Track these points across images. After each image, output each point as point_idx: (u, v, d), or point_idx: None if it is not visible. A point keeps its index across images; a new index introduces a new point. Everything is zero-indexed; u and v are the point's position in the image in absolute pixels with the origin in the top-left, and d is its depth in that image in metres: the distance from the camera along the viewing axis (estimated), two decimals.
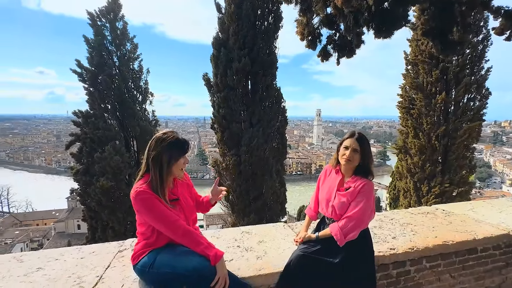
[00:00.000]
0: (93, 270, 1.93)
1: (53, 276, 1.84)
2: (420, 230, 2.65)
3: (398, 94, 11.91)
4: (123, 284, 1.74)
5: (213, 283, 1.54)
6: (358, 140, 1.78)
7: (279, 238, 2.47)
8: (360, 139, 1.79)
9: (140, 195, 1.54)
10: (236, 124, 9.06)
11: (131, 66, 9.60)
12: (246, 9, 8.82)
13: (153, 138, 1.66)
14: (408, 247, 2.30)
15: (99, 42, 8.76)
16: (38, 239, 32.76)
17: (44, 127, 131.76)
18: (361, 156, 1.79)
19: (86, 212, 9.08)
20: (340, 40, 3.32)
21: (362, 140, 1.79)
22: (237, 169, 9.12)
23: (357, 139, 1.79)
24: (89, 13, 8.78)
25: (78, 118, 8.68)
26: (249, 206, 9.34)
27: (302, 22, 3.09)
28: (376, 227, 2.74)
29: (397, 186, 13.21)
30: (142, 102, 9.85)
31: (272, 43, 9.52)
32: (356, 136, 1.80)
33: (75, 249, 2.31)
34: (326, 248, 1.85)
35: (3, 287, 1.74)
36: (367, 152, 1.80)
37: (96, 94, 8.69)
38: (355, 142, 1.79)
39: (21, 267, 1.98)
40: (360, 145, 1.78)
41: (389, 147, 71.60)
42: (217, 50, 9.08)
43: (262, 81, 9.27)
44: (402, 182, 12.17)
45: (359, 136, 1.79)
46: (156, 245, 1.67)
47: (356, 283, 1.82)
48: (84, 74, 8.67)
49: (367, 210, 1.80)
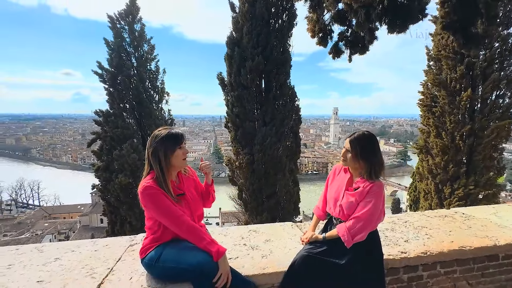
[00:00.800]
0: (105, 262, 2.02)
1: (68, 266, 1.95)
2: (436, 234, 2.53)
3: (419, 91, 11.41)
4: (131, 277, 1.81)
5: (215, 279, 1.56)
6: (350, 141, 1.76)
7: (286, 237, 2.46)
8: (354, 139, 1.75)
9: (147, 190, 1.59)
10: (249, 123, 9.09)
11: (148, 67, 9.92)
12: (260, 8, 8.80)
13: (150, 136, 1.73)
14: (421, 251, 2.20)
15: (118, 44, 9.14)
16: (65, 231, 34.77)
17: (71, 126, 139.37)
18: (354, 156, 1.74)
19: (106, 207, 9.54)
20: (352, 37, 3.22)
21: (355, 141, 1.75)
22: (250, 167, 9.16)
23: (350, 140, 1.76)
24: (109, 17, 9.21)
25: (99, 117, 9.14)
26: (262, 205, 9.35)
27: (312, 19, 3.03)
28: (388, 229, 2.65)
29: (418, 188, 12.68)
30: (158, 101, 10.16)
31: (286, 41, 9.43)
32: (351, 137, 1.77)
33: (90, 242, 2.43)
34: (333, 249, 1.82)
35: (24, 274, 1.86)
36: (364, 153, 1.73)
37: (116, 94, 9.09)
38: (348, 142, 1.77)
39: (41, 257, 2.11)
40: (351, 145, 1.75)
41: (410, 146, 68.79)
42: (231, 50, 9.15)
43: (276, 80, 9.22)
44: (423, 183, 11.66)
45: (353, 137, 1.76)
46: (162, 240, 1.71)
47: (363, 286, 1.78)
48: (105, 75, 9.10)
49: (376, 211, 1.74)
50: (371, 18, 2.45)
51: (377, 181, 1.77)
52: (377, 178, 1.76)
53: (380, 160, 1.76)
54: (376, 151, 1.75)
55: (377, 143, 1.79)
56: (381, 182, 1.79)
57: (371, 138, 1.77)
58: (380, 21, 2.51)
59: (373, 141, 1.76)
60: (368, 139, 1.75)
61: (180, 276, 1.66)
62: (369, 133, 1.79)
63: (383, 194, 1.79)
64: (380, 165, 1.75)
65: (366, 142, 1.74)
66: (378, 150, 1.77)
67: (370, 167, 1.74)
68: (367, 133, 1.78)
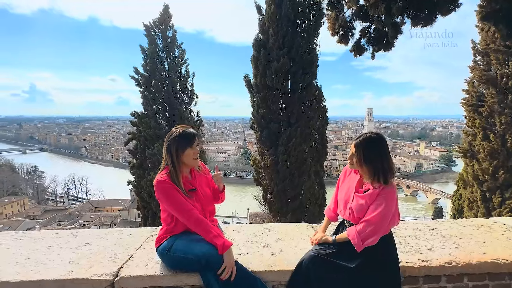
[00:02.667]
0: (127, 249, 2.21)
1: (96, 251, 2.17)
2: (466, 244, 2.31)
3: (463, 89, 10.45)
4: (147, 264, 1.96)
5: (219, 271, 1.63)
6: (355, 145, 1.70)
7: (298, 237, 2.45)
8: (359, 143, 1.69)
9: (160, 184, 1.72)
10: (274, 124, 9.09)
11: (179, 71, 10.50)
12: (286, 9, 8.78)
13: (168, 133, 1.84)
14: (444, 260, 2.03)
15: (152, 50, 9.83)
16: (108, 223, 37.99)
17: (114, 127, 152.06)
18: (359, 161, 1.68)
19: (140, 202, 10.26)
20: (375, 33, 3.07)
21: (359, 145, 1.69)
22: (275, 168, 9.14)
23: (355, 143, 1.70)
24: (145, 25, 9.97)
25: (135, 119, 9.90)
26: (286, 206, 9.27)
27: (331, 17, 2.95)
28: (411, 236, 2.49)
29: (462, 196, 11.53)
30: (188, 103, 10.67)
31: (312, 41, 9.27)
32: (356, 140, 1.71)
33: (117, 231, 2.67)
34: (343, 251, 1.77)
35: (59, 254, 2.12)
36: (368, 158, 1.66)
37: (149, 97, 9.78)
38: (353, 146, 1.72)
39: (75, 241, 2.38)
40: (356, 149, 1.70)
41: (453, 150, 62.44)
42: (257, 51, 9.26)
43: (302, 80, 9.10)
44: (468, 191, 10.59)
45: (358, 140, 1.70)
46: (175, 232, 1.83)
47: None
48: (140, 79, 9.85)
49: (387, 214, 1.66)
50: (392, 12, 2.31)
51: (389, 183, 1.68)
52: (386, 183, 1.66)
53: (387, 165, 1.66)
54: (382, 156, 1.66)
55: (385, 147, 1.69)
56: (393, 185, 1.70)
57: (377, 141, 1.68)
58: (402, 15, 2.36)
59: (379, 145, 1.67)
60: (374, 143, 1.67)
61: (187, 266, 1.76)
62: (377, 135, 1.71)
63: (395, 197, 1.70)
64: (387, 171, 1.66)
65: (372, 146, 1.67)
66: (386, 154, 1.67)
67: (375, 172, 1.66)
68: (374, 135, 1.70)
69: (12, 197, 50.59)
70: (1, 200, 46.98)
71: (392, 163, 1.70)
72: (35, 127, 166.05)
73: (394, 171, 1.69)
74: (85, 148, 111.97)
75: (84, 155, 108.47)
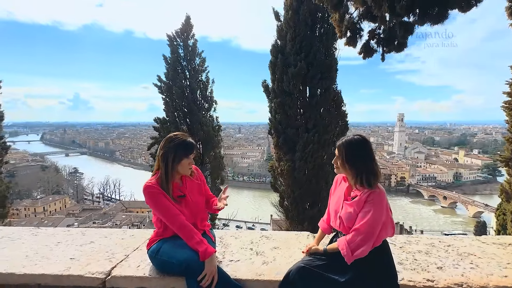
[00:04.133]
0: (125, 249, 2.29)
1: (97, 249, 2.29)
2: (485, 264, 2.07)
3: (504, 92, 9.50)
4: (139, 265, 2.02)
5: (199, 277, 1.62)
6: (338, 146, 1.67)
7: (295, 247, 2.37)
8: (341, 144, 1.65)
9: (147, 189, 1.76)
10: (291, 129, 8.97)
11: (199, 78, 10.90)
12: (303, 14, 8.73)
13: (165, 137, 1.84)
14: (454, 281, 1.83)
15: (174, 59, 10.35)
16: (137, 224, 40.01)
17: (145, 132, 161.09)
18: (341, 162, 1.64)
19: None
20: (385, 33, 2.92)
21: (341, 146, 1.65)
22: (292, 174, 8.98)
23: (338, 145, 1.67)
24: (168, 36, 10.58)
25: (157, 124, 10.42)
26: (303, 214, 9.03)
27: (336, 19, 2.87)
28: (421, 252, 2.28)
29: (506, 210, 10.35)
30: (208, 109, 11.00)
31: (331, 45, 9.07)
32: (339, 142, 1.68)
33: (121, 231, 2.78)
34: (334, 263, 1.68)
35: (64, 251, 2.27)
36: (350, 159, 1.61)
37: (170, 103, 10.26)
38: (337, 148, 1.68)
39: (82, 239, 2.53)
40: (338, 150, 1.67)
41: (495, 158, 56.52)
42: (274, 57, 9.27)
43: (320, 85, 8.92)
44: (511, 204, 9.48)
45: (340, 142, 1.67)
46: (164, 235, 1.87)
47: None
48: (162, 87, 10.39)
49: (376, 222, 1.56)
50: (396, 11, 2.17)
51: (376, 189, 1.58)
52: (369, 186, 1.58)
53: (370, 167, 1.59)
54: (365, 157, 1.60)
55: (369, 149, 1.62)
56: (381, 190, 1.60)
57: (360, 142, 1.62)
58: (408, 13, 2.21)
59: (362, 146, 1.61)
60: (356, 144, 1.61)
61: (171, 270, 1.78)
62: (360, 137, 1.64)
63: (384, 203, 1.59)
64: (370, 173, 1.58)
65: (354, 147, 1.61)
66: (369, 156, 1.61)
67: (357, 174, 1.60)
68: (357, 137, 1.64)
69: (55, 196, 55.66)
70: (46, 198, 51.90)
71: (377, 166, 1.62)
72: (77, 132, 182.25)
73: (378, 175, 1.61)
74: (119, 151, 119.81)
75: (118, 158, 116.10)
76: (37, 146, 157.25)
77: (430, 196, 70.88)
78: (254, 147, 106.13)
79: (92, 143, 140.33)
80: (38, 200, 51.05)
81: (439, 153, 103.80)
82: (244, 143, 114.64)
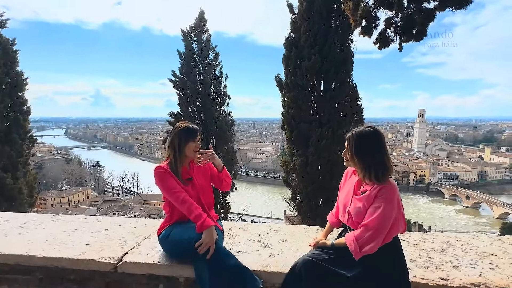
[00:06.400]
0: (137, 237, 2.38)
1: (111, 237, 2.39)
2: (505, 265, 1.96)
3: None
4: (149, 252, 2.10)
5: (197, 244, 1.71)
6: (347, 138, 1.61)
7: (304, 240, 2.36)
8: (350, 136, 1.59)
9: (157, 169, 1.90)
10: (304, 124, 8.83)
11: (212, 73, 10.96)
12: (318, 5, 8.48)
13: (173, 127, 2.01)
14: (471, 281, 1.75)
15: (188, 54, 10.47)
16: (154, 216, 41.36)
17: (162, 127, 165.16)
18: (350, 155, 1.60)
19: None
20: (402, 21, 2.77)
21: (351, 138, 1.59)
22: (304, 170, 8.88)
23: (347, 137, 1.61)
24: (182, 31, 10.68)
25: (172, 119, 10.62)
26: (316, 210, 8.92)
27: (349, 7, 2.75)
28: (436, 250, 2.20)
29: None
30: (221, 104, 11.07)
31: (347, 37, 8.77)
32: (348, 134, 1.62)
33: (134, 220, 2.89)
34: (341, 258, 1.65)
35: (80, 237, 2.39)
36: (359, 152, 1.56)
37: (185, 98, 10.41)
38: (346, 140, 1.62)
39: (97, 226, 2.65)
40: (347, 142, 1.61)
41: None
42: (288, 51, 9.12)
43: (334, 79, 8.69)
44: None
45: (350, 133, 1.60)
46: (172, 220, 1.97)
47: None
48: (177, 82, 10.55)
49: (387, 218, 1.50)
50: None
51: (387, 183, 1.51)
52: (378, 181, 1.51)
53: (380, 161, 1.52)
54: (375, 150, 1.53)
55: (379, 141, 1.55)
56: (392, 184, 1.53)
57: (370, 134, 1.55)
58: None
59: (372, 138, 1.55)
60: (366, 136, 1.55)
61: (182, 250, 1.85)
62: (372, 129, 1.58)
63: (395, 198, 1.52)
64: (380, 167, 1.51)
65: (364, 139, 1.55)
66: (379, 149, 1.54)
67: (366, 167, 1.54)
68: (368, 129, 1.58)
69: (79, 188, 58.59)
70: (71, 190, 54.80)
71: (389, 160, 1.54)
72: (98, 127, 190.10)
73: (389, 169, 1.53)
74: (137, 146, 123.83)
75: (136, 153, 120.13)
76: (62, 140, 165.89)
77: (451, 195, 67.81)
78: (268, 143, 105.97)
79: (112, 138, 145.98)
80: (63, 191, 53.97)
81: (463, 150, 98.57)
82: (258, 138, 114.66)
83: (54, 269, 2.02)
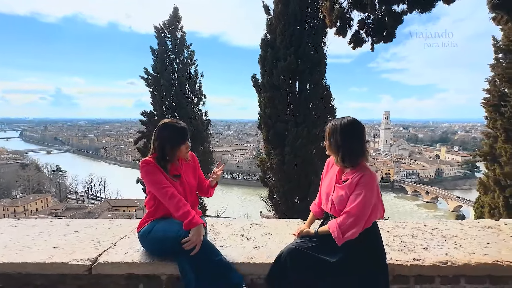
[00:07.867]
0: (112, 238, 2.23)
1: (82, 238, 2.21)
2: (467, 244, 2.16)
3: (484, 89, 9.93)
4: (127, 252, 1.97)
5: (184, 240, 1.65)
6: (326, 127, 1.68)
7: (286, 232, 2.39)
8: (329, 124, 1.67)
9: (144, 162, 1.80)
10: (281, 124, 9.00)
11: (188, 71, 10.69)
12: (293, 7, 8.73)
13: (158, 126, 1.88)
14: (439, 260, 1.90)
15: (162, 51, 10.10)
16: None
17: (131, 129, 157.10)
18: (328, 142, 1.67)
19: None
20: (374, 23, 2.95)
21: (330, 126, 1.66)
22: (281, 169, 9.03)
23: (327, 125, 1.69)
24: (155, 27, 10.25)
25: (144, 118, 10.16)
26: (292, 208, 9.11)
27: (326, 7, 2.87)
28: (407, 235, 2.35)
29: (483, 202, 10.89)
30: (197, 103, 10.83)
31: (320, 40, 9.14)
32: (328, 123, 1.69)
33: (108, 221, 2.70)
34: (324, 245, 1.69)
35: (47, 240, 2.17)
36: (335, 138, 1.63)
37: (158, 96, 10.03)
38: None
39: (66, 229, 2.43)
40: (326, 131, 1.68)
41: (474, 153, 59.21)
42: (264, 51, 9.25)
43: (309, 79, 8.98)
44: (489, 196, 9.97)
45: (329, 123, 1.69)
46: (156, 216, 1.87)
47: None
48: (150, 80, 10.13)
49: (367, 204, 1.57)
50: None
51: (367, 172, 1.60)
52: (351, 165, 1.60)
53: (354, 146, 1.60)
54: (350, 138, 1.61)
55: (357, 131, 1.63)
56: (372, 173, 1.62)
57: (347, 122, 1.62)
58: (397, 2, 2.24)
59: (348, 126, 1.62)
60: (343, 124, 1.62)
61: (165, 246, 1.76)
62: (350, 119, 1.65)
63: (375, 185, 1.61)
64: (353, 151, 1.60)
65: (340, 126, 1.62)
66: (356, 138, 1.62)
67: (340, 152, 1.62)
68: (346, 117, 1.65)
69: (37, 195, 53.31)
70: (27, 198, 49.70)
71: (365, 147, 1.63)
72: (59, 129, 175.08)
73: (365, 154, 1.62)
74: (104, 149, 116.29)
75: (103, 156, 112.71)
76: (16, 143, 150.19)
77: (413, 191, 73.32)
78: (243, 144, 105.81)
79: (75, 140, 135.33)
80: (18, 199, 48.74)
81: (422, 150, 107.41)
82: (233, 140, 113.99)
83: (16, 276, 1.82)
